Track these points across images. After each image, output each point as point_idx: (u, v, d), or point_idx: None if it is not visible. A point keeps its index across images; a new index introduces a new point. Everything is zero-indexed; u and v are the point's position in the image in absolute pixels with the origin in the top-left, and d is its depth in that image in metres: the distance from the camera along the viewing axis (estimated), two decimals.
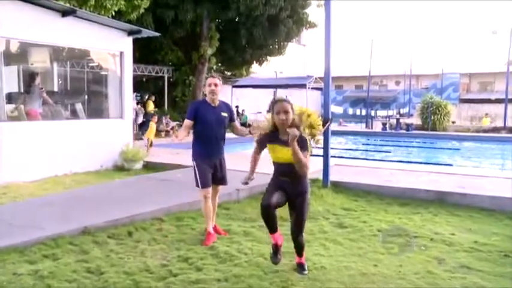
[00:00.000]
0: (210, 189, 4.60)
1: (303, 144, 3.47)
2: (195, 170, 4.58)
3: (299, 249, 3.75)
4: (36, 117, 8.70)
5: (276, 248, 3.75)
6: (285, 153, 3.52)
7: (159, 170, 8.75)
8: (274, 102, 3.60)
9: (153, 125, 12.05)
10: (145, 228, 4.92)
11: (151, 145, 11.70)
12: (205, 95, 4.68)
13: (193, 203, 5.82)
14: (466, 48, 67.25)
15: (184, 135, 4.56)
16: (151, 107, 16.93)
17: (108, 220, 4.94)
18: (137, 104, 16.25)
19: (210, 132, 4.51)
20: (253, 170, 3.95)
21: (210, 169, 4.57)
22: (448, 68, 34.00)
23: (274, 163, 3.66)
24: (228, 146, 5.01)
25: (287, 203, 3.69)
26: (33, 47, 9.61)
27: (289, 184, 3.61)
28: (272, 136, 3.63)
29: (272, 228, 3.64)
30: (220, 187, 4.82)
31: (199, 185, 4.56)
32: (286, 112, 3.51)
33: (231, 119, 4.73)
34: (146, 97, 17.93)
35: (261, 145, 3.78)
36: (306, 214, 3.69)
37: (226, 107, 4.69)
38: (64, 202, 5.93)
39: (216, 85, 4.51)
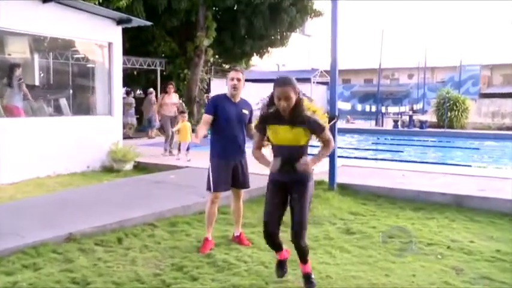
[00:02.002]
0: (219, 194, 4.59)
1: (316, 126, 3.48)
2: (209, 170, 4.55)
3: (303, 254, 3.60)
4: (15, 113, 8.67)
5: (280, 263, 3.78)
6: (287, 133, 3.43)
7: (151, 171, 8.76)
8: (276, 83, 3.44)
9: (186, 125, 10.17)
10: (136, 235, 4.92)
11: (186, 149, 9.94)
12: (202, 90, 4.68)
13: (188, 206, 5.83)
14: (487, 38, 66.91)
15: (204, 132, 4.51)
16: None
17: (96, 226, 4.94)
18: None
19: (230, 130, 4.49)
20: (269, 161, 3.61)
21: (228, 171, 4.53)
22: (467, 59, 33.95)
23: (274, 146, 3.52)
24: None
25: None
26: (10, 36, 9.53)
27: (290, 174, 3.47)
28: (274, 115, 3.49)
29: (277, 248, 3.72)
30: (243, 191, 4.76)
31: (211, 188, 4.51)
32: (287, 98, 3.36)
33: (250, 119, 4.66)
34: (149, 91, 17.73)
35: (263, 131, 3.56)
36: (308, 206, 3.55)
37: (246, 104, 4.66)
38: (47, 206, 5.93)
39: (239, 80, 4.49)
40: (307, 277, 3.65)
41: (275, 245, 3.72)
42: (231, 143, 4.51)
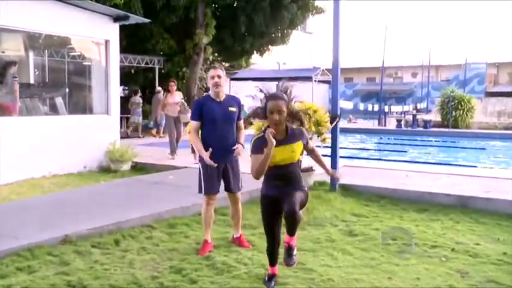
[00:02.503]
0: (215, 196, 4.60)
1: (307, 136, 3.64)
2: (199, 173, 4.55)
3: (293, 227, 3.44)
4: (11, 110, 8.66)
5: (271, 277, 3.80)
6: (285, 153, 3.50)
7: (149, 172, 8.77)
8: (268, 98, 3.50)
9: None
10: (133, 236, 4.92)
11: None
12: (201, 88, 4.66)
13: (187, 208, 5.83)
14: (493, 35, 66.84)
15: (199, 147, 4.46)
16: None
17: (92, 227, 4.94)
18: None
19: (218, 131, 4.46)
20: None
21: (219, 173, 4.52)
22: (473, 57, 33.84)
23: (272, 168, 3.49)
24: None
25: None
26: (3, 33, 9.51)
27: (283, 189, 3.52)
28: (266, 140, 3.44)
29: (274, 260, 3.78)
30: (239, 193, 4.76)
31: (203, 190, 4.54)
32: (280, 112, 3.44)
33: (239, 116, 4.65)
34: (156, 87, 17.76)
35: (260, 152, 3.48)
36: (303, 197, 3.53)
37: (234, 100, 4.64)
38: (42, 207, 5.94)
39: (219, 76, 4.48)
40: (289, 250, 3.52)
41: (276, 254, 3.75)
42: (219, 144, 4.46)
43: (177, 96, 11.12)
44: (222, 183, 4.66)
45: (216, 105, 4.49)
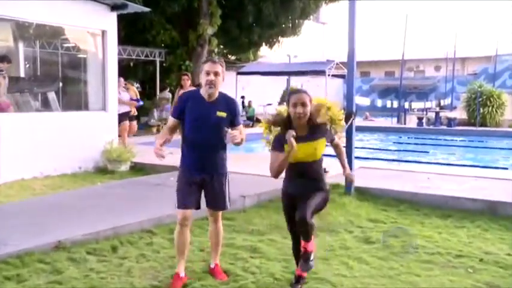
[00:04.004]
0: (188, 213, 3.98)
1: (332, 132, 3.87)
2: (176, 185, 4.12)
3: (304, 234, 3.58)
4: (3, 107, 8.71)
5: (298, 279, 3.86)
6: (307, 150, 3.63)
7: (149, 173, 8.80)
8: (290, 93, 3.75)
9: None
10: (132, 243, 4.93)
11: None
12: (198, 85, 4.48)
13: None
14: None
15: (163, 140, 4.00)
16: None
17: (88, 233, 4.96)
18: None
19: (199, 136, 3.92)
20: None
21: (195, 186, 4.00)
22: (504, 48, 33.54)
23: (293, 165, 3.65)
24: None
25: None
26: None
27: (304, 187, 3.69)
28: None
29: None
30: (220, 213, 4.19)
31: (175, 205, 4.02)
32: (303, 105, 3.61)
33: (233, 122, 4.03)
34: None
35: (280, 149, 3.61)
36: (319, 202, 3.64)
37: (226, 103, 4.03)
38: (32, 211, 5.96)
39: (216, 74, 3.89)
40: (305, 256, 3.63)
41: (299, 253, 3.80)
42: (199, 153, 3.96)
43: None
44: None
45: (204, 105, 3.94)
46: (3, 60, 9.15)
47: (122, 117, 10.77)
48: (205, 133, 3.92)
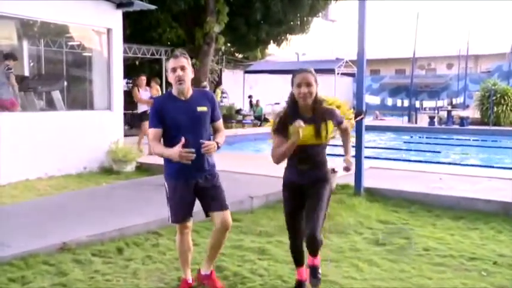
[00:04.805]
0: (187, 223, 3.94)
1: (340, 116, 3.70)
2: (166, 196, 4.00)
3: (314, 251, 3.56)
4: (9, 107, 8.76)
5: (299, 285, 3.82)
6: (311, 132, 3.51)
7: (154, 173, 8.78)
8: (295, 72, 3.63)
9: None
10: (138, 244, 4.94)
11: None
12: (213, 82, 4.41)
13: (196, 213, 5.80)
14: None
15: (161, 150, 3.75)
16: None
17: (93, 234, 4.97)
18: None
19: (187, 137, 3.59)
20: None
21: (189, 194, 3.87)
22: None
23: (295, 149, 3.50)
24: (230, 146, 4.86)
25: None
26: None
27: (307, 173, 3.61)
28: (292, 116, 3.52)
29: (299, 260, 3.81)
30: (222, 214, 3.82)
31: (170, 219, 3.94)
32: (308, 84, 3.51)
33: (213, 117, 3.84)
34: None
35: (283, 133, 3.53)
36: (326, 207, 3.59)
37: (204, 96, 3.87)
38: (37, 212, 5.99)
39: (183, 68, 3.70)
40: (313, 270, 3.62)
41: (300, 254, 3.80)
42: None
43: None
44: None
45: (180, 105, 3.71)
46: (9, 57, 9.22)
47: (143, 116, 10.77)
48: (191, 132, 3.66)
